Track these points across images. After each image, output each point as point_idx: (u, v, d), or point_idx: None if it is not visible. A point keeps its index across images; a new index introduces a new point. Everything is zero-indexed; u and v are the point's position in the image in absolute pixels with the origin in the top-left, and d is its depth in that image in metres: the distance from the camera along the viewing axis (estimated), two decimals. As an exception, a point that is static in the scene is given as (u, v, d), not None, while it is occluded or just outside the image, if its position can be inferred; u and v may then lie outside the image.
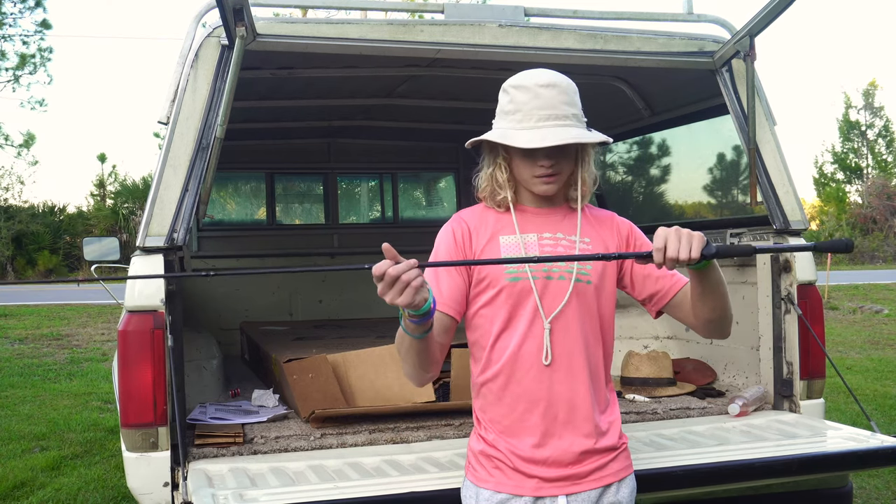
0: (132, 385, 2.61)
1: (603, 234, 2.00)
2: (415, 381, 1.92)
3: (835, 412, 6.25)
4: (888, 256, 30.46)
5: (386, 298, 1.58)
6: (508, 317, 1.90)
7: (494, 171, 1.96)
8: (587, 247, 1.95)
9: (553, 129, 1.84)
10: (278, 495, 2.29)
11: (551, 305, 1.89)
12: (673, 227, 1.70)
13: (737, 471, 2.57)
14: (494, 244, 1.94)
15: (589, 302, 1.92)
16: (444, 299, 1.88)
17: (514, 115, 1.88)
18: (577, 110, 1.90)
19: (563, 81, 1.90)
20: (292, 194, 6.57)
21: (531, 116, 1.86)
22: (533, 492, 1.87)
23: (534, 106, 1.86)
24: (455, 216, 2.02)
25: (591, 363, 1.92)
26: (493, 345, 1.92)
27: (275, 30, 2.85)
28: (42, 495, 4.87)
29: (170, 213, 2.69)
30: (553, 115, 1.85)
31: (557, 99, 1.86)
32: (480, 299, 1.93)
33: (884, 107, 42.20)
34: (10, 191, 28.77)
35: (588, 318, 1.92)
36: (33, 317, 13.98)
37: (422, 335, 1.73)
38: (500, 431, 1.92)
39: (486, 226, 1.97)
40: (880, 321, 13.57)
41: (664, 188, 5.17)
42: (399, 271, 1.56)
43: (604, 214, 2.07)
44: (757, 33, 3.08)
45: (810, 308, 3.19)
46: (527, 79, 1.90)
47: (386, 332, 4.34)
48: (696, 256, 1.67)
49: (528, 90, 1.87)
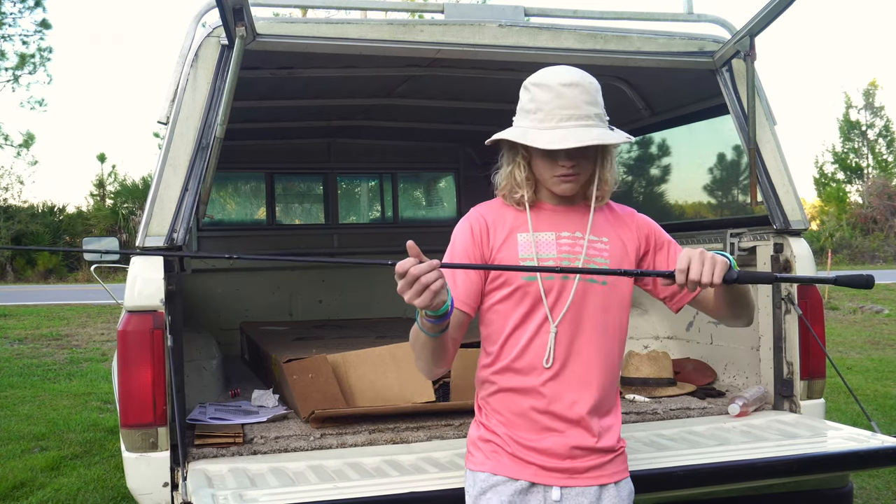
0: (132, 385, 2.60)
1: (622, 233, 1.99)
2: (426, 375, 1.94)
3: (835, 412, 6.25)
4: (888, 256, 30.45)
5: (405, 297, 1.58)
6: (523, 316, 1.90)
7: (514, 169, 1.95)
8: (605, 246, 1.95)
9: (575, 129, 1.82)
10: (278, 495, 2.28)
11: (567, 304, 1.89)
12: (698, 250, 1.71)
13: (737, 471, 2.57)
14: (512, 241, 1.93)
15: (603, 302, 1.92)
16: (459, 295, 1.89)
17: (536, 115, 1.86)
18: (600, 109, 1.88)
19: (586, 80, 1.87)
20: (292, 194, 6.57)
21: (553, 116, 1.83)
22: (530, 477, 1.88)
23: (556, 105, 1.83)
24: (473, 210, 2.01)
25: (599, 365, 1.91)
26: (504, 341, 1.92)
27: (275, 30, 2.84)
28: (42, 495, 4.87)
29: (170, 213, 2.69)
30: (575, 114, 1.83)
31: (580, 98, 1.84)
32: (495, 295, 1.93)
33: (884, 107, 42.17)
34: (9, 191, 28.82)
35: (601, 318, 1.92)
36: (33, 317, 13.98)
37: (437, 334, 1.74)
38: (501, 420, 1.93)
39: (505, 222, 1.96)
40: (880, 321, 13.57)
41: (664, 188, 5.16)
42: (421, 271, 1.56)
43: (624, 212, 2.06)
44: (757, 33, 3.08)
45: (810, 308, 3.18)
46: (549, 77, 1.87)
47: (386, 333, 4.34)
48: (718, 282, 1.68)
49: (550, 89, 1.85)
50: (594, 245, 1.94)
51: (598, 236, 1.96)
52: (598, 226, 1.97)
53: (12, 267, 25.76)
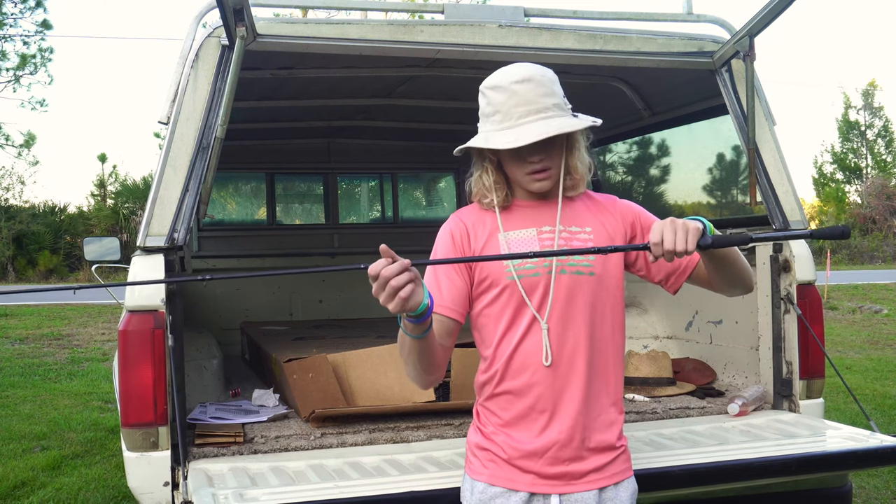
0: (132, 385, 2.61)
1: (605, 221, 1.96)
2: (419, 384, 1.90)
3: (834, 412, 6.25)
4: (888, 256, 30.45)
5: (380, 301, 1.56)
6: (512, 316, 1.88)
7: (481, 174, 1.94)
8: (589, 237, 1.92)
9: (534, 123, 1.81)
10: (278, 495, 2.29)
11: (553, 302, 1.86)
12: (668, 219, 1.69)
13: (736, 470, 2.57)
14: (493, 242, 1.92)
15: (593, 294, 1.88)
16: (446, 302, 1.86)
17: (495, 117, 1.86)
18: (558, 98, 1.86)
19: (538, 72, 1.86)
20: (292, 194, 6.57)
21: (510, 115, 1.83)
22: (528, 487, 1.86)
23: (511, 104, 1.83)
24: (453, 216, 2.00)
25: (596, 359, 1.88)
26: (497, 344, 1.89)
27: (275, 30, 2.85)
28: (42, 495, 4.88)
29: (170, 213, 2.69)
30: (532, 109, 1.82)
31: (534, 93, 1.83)
32: (483, 299, 1.91)
33: (883, 107, 42.25)
34: (10, 191, 28.77)
35: (593, 310, 1.88)
36: (34, 317, 13.99)
37: (420, 335, 1.71)
38: (498, 425, 1.90)
39: (484, 224, 1.95)
40: (880, 321, 13.57)
41: (664, 188, 5.17)
42: (391, 272, 1.54)
43: (605, 200, 2.02)
44: (757, 33, 3.08)
45: (810, 308, 3.19)
46: (501, 78, 1.87)
47: (386, 332, 4.35)
48: (692, 249, 1.66)
49: (503, 89, 1.85)
50: (577, 236, 1.91)
51: (580, 227, 1.93)
52: (580, 216, 1.95)
53: (13, 267, 25.77)
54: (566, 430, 1.86)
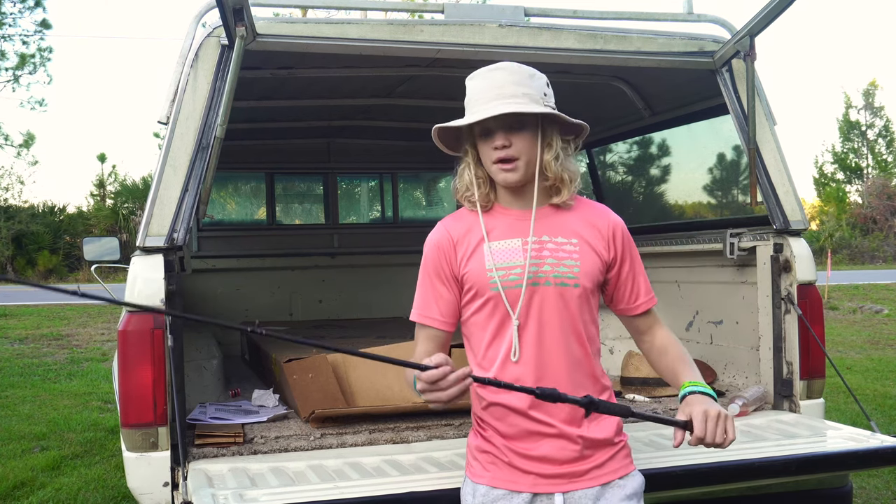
0: (132, 385, 2.60)
1: (591, 236, 1.94)
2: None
3: (835, 412, 6.25)
4: (888, 256, 30.46)
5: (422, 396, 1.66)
6: (497, 326, 1.90)
7: (464, 169, 1.97)
8: (574, 248, 1.91)
9: (496, 104, 1.84)
10: (278, 495, 2.28)
11: (537, 312, 1.87)
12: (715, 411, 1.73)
13: (736, 470, 2.57)
14: (479, 252, 1.92)
15: (573, 306, 1.89)
16: (441, 315, 1.94)
17: (469, 105, 1.91)
18: (531, 91, 1.87)
19: (516, 66, 1.91)
20: (292, 194, 6.57)
21: (481, 100, 1.87)
22: (530, 488, 1.87)
23: (482, 89, 1.88)
24: (438, 225, 2.01)
25: (574, 366, 1.90)
26: (484, 353, 1.92)
27: (275, 30, 2.85)
28: (42, 495, 4.87)
29: (170, 213, 2.69)
30: (501, 94, 1.85)
31: (506, 80, 1.87)
32: (470, 308, 1.94)
33: (884, 107, 42.24)
34: (10, 191, 28.85)
35: (570, 321, 1.89)
36: (33, 317, 13.99)
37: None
38: (496, 432, 1.92)
39: (470, 233, 1.95)
40: (880, 321, 13.57)
41: (664, 188, 5.16)
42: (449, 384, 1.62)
43: (597, 212, 2.00)
44: (757, 33, 3.08)
45: (810, 308, 3.19)
46: (481, 69, 1.93)
47: (386, 333, 4.35)
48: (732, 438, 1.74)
49: (480, 78, 1.91)
50: (563, 247, 1.91)
51: (567, 238, 1.92)
52: (568, 226, 1.93)
53: (13, 267, 25.77)
54: (560, 437, 1.87)
